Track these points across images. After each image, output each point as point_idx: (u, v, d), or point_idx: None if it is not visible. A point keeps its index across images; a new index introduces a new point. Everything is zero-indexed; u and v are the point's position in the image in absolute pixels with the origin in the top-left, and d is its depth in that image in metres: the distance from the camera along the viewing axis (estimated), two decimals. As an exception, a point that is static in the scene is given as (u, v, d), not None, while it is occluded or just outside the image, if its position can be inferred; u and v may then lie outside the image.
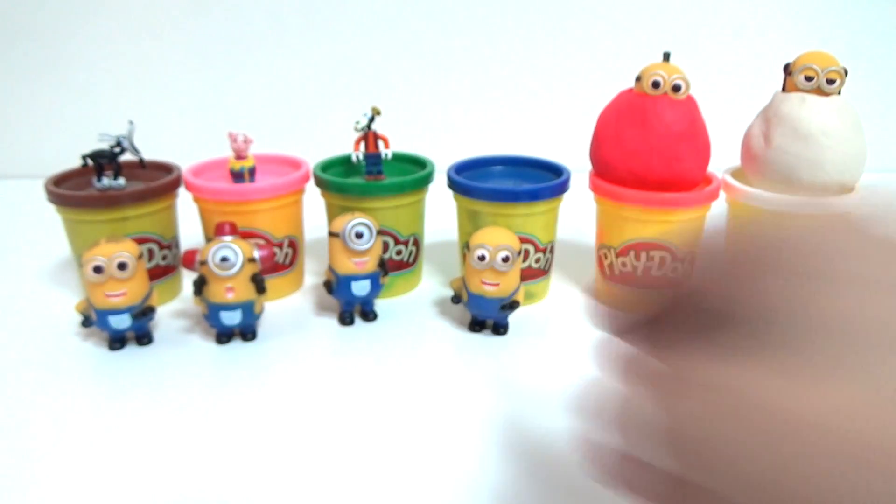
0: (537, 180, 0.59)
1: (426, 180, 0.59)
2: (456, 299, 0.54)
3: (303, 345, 0.53)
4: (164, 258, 0.58)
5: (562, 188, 0.57)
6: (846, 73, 0.52)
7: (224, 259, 0.49)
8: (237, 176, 0.58)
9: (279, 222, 0.58)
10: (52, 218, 0.57)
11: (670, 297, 0.26)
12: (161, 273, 0.58)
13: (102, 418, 0.44)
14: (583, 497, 0.37)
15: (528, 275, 0.57)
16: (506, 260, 0.50)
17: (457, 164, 0.61)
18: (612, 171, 0.55)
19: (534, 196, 0.55)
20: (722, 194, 0.57)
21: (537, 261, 0.58)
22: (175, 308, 0.58)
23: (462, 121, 0.98)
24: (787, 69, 0.54)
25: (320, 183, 0.58)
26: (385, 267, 0.55)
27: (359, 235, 0.52)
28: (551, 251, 0.59)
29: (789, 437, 0.19)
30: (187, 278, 0.60)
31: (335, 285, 0.54)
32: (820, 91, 0.53)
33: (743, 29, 0.95)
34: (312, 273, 0.65)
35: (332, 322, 0.56)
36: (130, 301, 0.49)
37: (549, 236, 0.58)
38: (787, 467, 0.19)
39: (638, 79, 0.54)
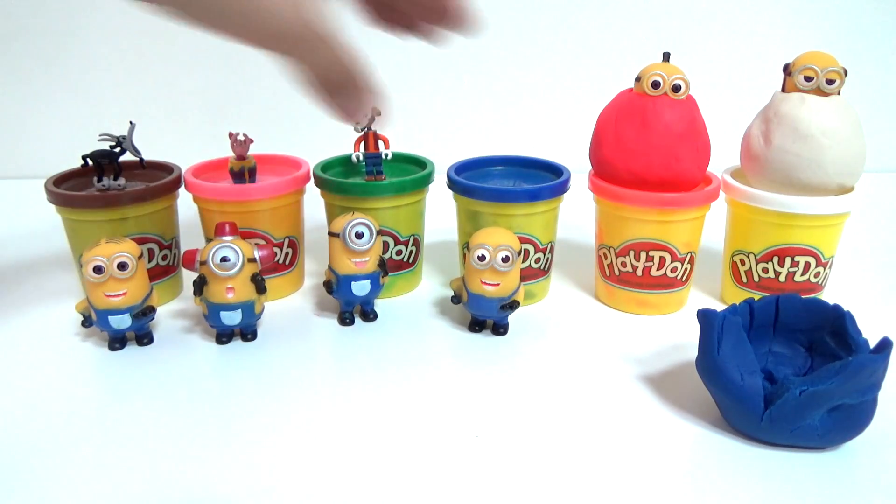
0: (537, 180, 0.59)
1: (426, 180, 0.59)
2: (456, 299, 0.54)
3: (303, 345, 0.53)
4: (164, 258, 0.58)
5: (562, 188, 0.57)
6: (846, 73, 0.52)
7: (224, 259, 0.49)
8: (237, 176, 0.58)
9: (279, 222, 0.58)
10: (52, 218, 0.57)
11: None
12: (161, 273, 0.58)
13: (102, 418, 0.44)
14: (583, 495, 0.37)
15: (527, 275, 0.57)
16: (506, 260, 0.50)
17: (457, 165, 0.61)
18: (611, 171, 0.55)
19: (534, 196, 0.55)
20: (722, 194, 0.57)
21: (537, 261, 0.58)
22: (175, 308, 0.58)
23: (462, 121, 0.98)
24: (787, 69, 0.54)
25: (320, 183, 0.58)
26: (385, 267, 0.55)
27: (359, 235, 0.52)
28: (551, 251, 0.59)
29: None
30: (187, 278, 0.60)
31: (335, 285, 0.54)
32: (820, 91, 0.53)
33: (743, 29, 0.95)
34: (312, 273, 0.65)
35: (332, 322, 0.56)
36: (130, 301, 0.49)
37: (548, 236, 0.58)
38: None
39: (638, 79, 0.54)
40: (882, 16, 0.95)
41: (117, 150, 0.56)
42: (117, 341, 0.52)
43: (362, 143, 0.59)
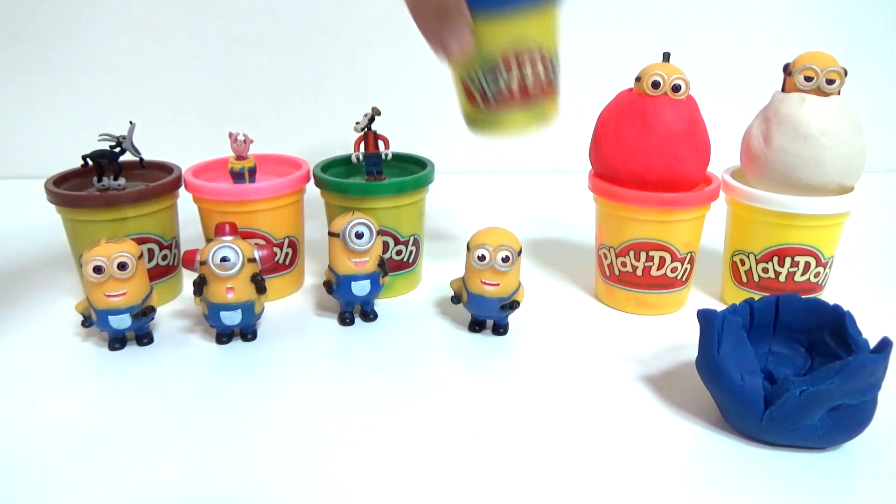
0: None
1: (426, 180, 0.59)
2: (456, 299, 0.54)
3: (303, 345, 0.53)
4: (164, 258, 0.58)
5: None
6: (846, 73, 0.52)
7: (224, 259, 0.49)
8: (237, 176, 0.58)
9: (279, 222, 0.58)
10: (52, 218, 0.57)
11: None
12: (161, 273, 0.58)
13: (102, 418, 0.44)
14: (583, 495, 0.37)
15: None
16: (506, 260, 0.50)
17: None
18: (612, 171, 0.55)
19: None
20: (722, 194, 0.57)
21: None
22: (175, 308, 0.58)
23: (462, 121, 0.98)
24: (787, 69, 0.54)
25: (320, 183, 0.58)
26: (385, 267, 0.55)
27: (359, 235, 0.52)
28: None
29: None
30: (187, 278, 0.60)
31: (335, 285, 0.54)
32: (819, 91, 0.53)
33: (743, 29, 0.95)
34: (312, 273, 0.65)
35: (332, 322, 0.56)
36: (130, 301, 0.49)
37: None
38: None
39: (638, 79, 0.54)
40: (882, 16, 0.95)
41: (117, 150, 0.56)
42: (117, 341, 0.52)
43: (362, 143, 0.59)
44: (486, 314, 0.54)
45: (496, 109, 0.49)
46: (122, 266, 0.48)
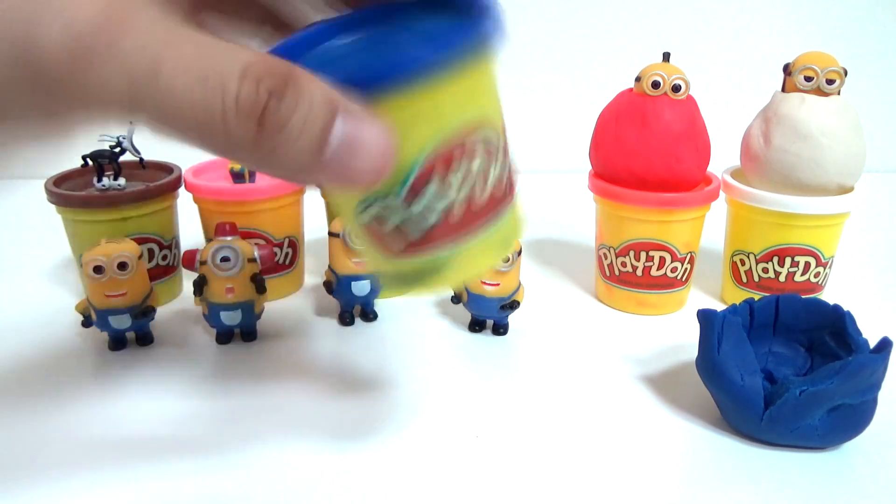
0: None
1: (426, 180, 0.59)
2: (456, 299, 0.54)
3: (303, 345, 0.53)
4: (164, 258, 0.58)
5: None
6: (846, 73, 0.52)
7: (224, 259, 0.49)
8: (237, 176, 0.58)
9: (279, 222, 0.58)
10: (52, 218, 0.57)
11: None
12: (161, 273, 0.58)
13: (102, 418, 0.44)
14: (583, 495, 0.37)
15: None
16: (506, 260, 0.50)
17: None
18: (612, 171, 0.55)
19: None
20: (722, 194, 0.57)
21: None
22: (175, 308, 0.58)
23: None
24: (787, 69, 0.54)
25: (320, 183, 0.58)
26: (385, 267, 0.55)
27: (359, 235, 0.52)
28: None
29: None
30: (187, 278, 0.60)
31: (335, 285, 0.54)
32: (819, 91, 0.53)
33: (743, 29, 0.95)
34: (312, 273, 0.65)
35: (332, 322, 0.56)
36: (130, 301, 0.49)
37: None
38: None
39: (637, 79, 0.54)
40: (882, 16, 0.95)
41: (117, 150, 0.56)
42: (117, 341, 0.52)
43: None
44: (486, 314, 0.54)
45: (430, 250, 0.29)
46: (122, 266, 0.48)
